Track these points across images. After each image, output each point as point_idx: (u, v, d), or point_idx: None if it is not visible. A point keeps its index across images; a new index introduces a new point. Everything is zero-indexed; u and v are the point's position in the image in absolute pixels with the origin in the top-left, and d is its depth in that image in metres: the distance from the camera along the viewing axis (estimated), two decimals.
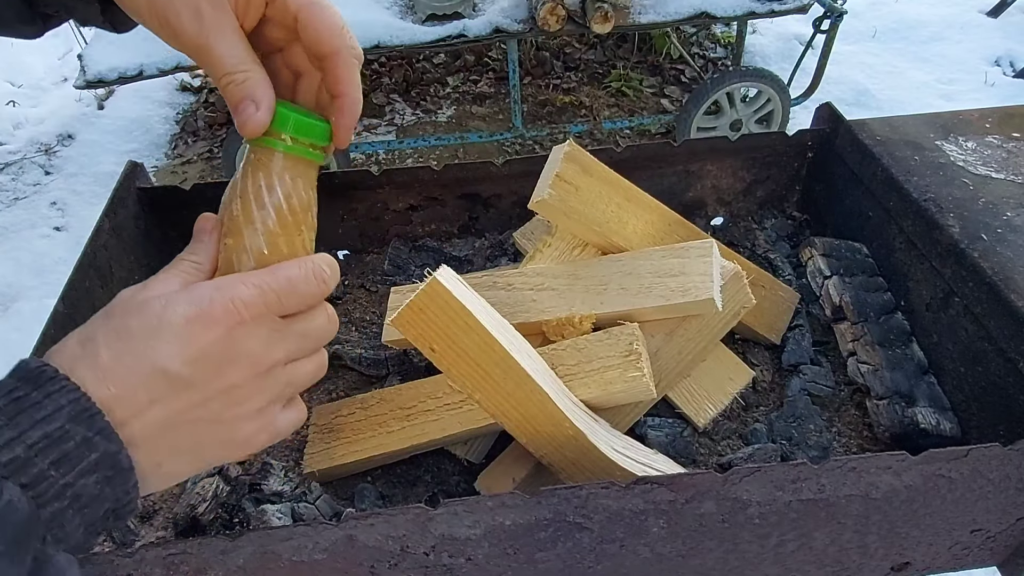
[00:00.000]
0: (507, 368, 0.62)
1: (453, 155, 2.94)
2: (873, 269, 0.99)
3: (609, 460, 0.65)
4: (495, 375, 0.62)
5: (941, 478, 0.68)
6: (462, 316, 0.60)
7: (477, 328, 0.61)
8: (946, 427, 0.82)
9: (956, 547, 0.78)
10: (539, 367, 0.66)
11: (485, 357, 0.62)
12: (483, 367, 0.62)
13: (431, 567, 0.67)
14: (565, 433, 0.64)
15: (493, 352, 0.62)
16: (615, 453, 0.65)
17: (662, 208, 0.93)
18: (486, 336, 0.61)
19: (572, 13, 2.18)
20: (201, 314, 0.39)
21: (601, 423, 0.69)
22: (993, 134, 1.04)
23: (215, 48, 0.45)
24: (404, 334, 0.62)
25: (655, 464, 0.68)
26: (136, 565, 0.62)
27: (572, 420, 0.63)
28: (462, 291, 0.62)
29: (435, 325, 0.61)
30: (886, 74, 3.29)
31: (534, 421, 0.64)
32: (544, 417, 0.63)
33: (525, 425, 0.64)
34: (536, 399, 0.63)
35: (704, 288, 0.76)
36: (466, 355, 0.62)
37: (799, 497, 0.67)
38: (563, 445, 0.65)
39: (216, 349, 0.40)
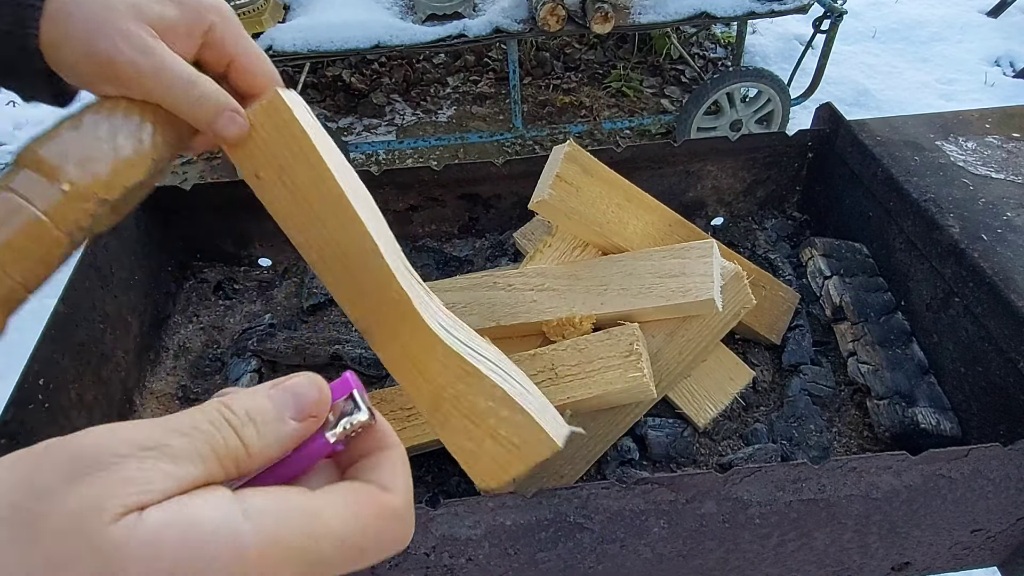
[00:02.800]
0: (338, 210, 0.54)
1: (453, 155, 2.94)
2: (873, 269, 0.99)
3: (433, 335, 0.55)
4: (323, 216, 0.55)
5: (941, 478, 0.68)
6: (300, 142, 0.53)
7: (314, 159, 0.53)
8: (946, 427, 0.82)
9: (956, 547, 0.78)
10: (379, 226, 0.58)
11: (316, 193, 0.54)
12: (312, 205, 0.54)
13: (432, 567, 0.67)
14: (389, 296, 0.56)
15: (326, 189, 0.54)
16: (441, 330, 0.57)
17: (662, 208, 0.93)
18: (322, 170, 0.53)
19: (572, 13, 2.18)
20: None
21: (435, 300, 0.61)
22: (993, 134, 1.04)
23: (171, 68, 0.45)
24: (230, 155, 0.54)
25: (487, 355, 0.58)
26: None
27: (400, 282, 0.56)
28: (306, 117, 0.54)
29: (267, 148, 0.53)
30: (886, 74, 3.29)
31: (357, 274, 0.56)
32: (369, 273, 0.56)
33: (346, 278, 0.56)
34: (363, 248, 0.55)
35: (704, 288, 0.76)
36: (295, 188, 0.54)
37: (800, 497, 0.67)
38: (385, 310, 0.57)
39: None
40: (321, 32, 2.17)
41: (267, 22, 2.17)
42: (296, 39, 2.15)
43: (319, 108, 3.21)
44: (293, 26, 2.19)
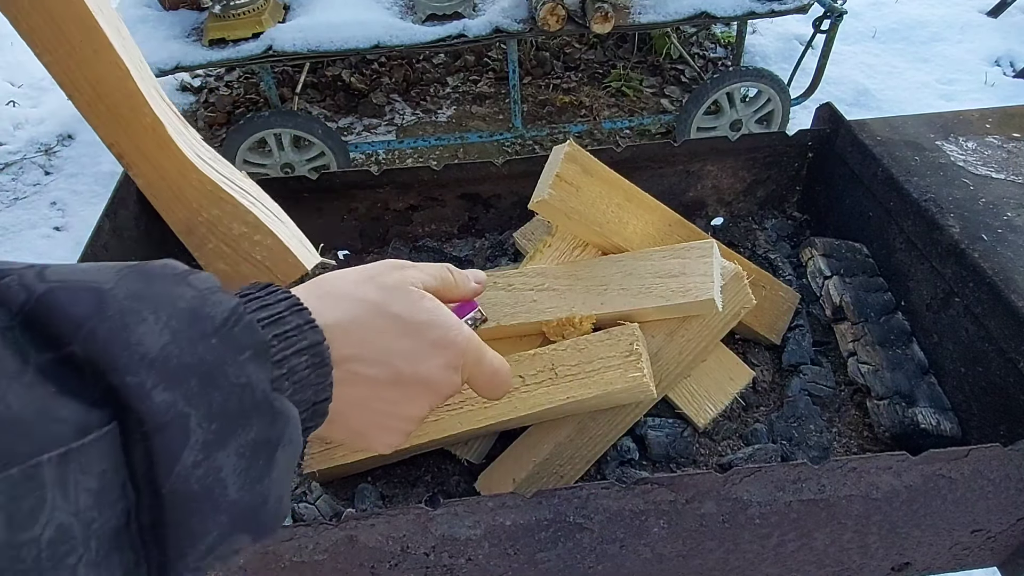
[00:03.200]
0: (88, 31, 0.54)
1: (453, 155, 2.93)
2: (873, 269, 0.99)
3: (187, 159, 0.58)
4: (73, 37, 0.54)
5: (941, 478, 0.68)
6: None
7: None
8: (946, 427, 0.82)
9: (956, 547, 0.78)
10: (135, 59, 0.58)
11: (65, 13, 0.53)
12: (60, 25, 0.53)
13: (431, 567, 0.67)
14: (144, 122, 0.57)
15: (75, 9, 0.53)
16: (196, 158, 0.59)
17: (662, 208, 0.93)
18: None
19: (572, 13, 2.18)
20: (442, 345, 0.48)
21: (194, 134, 0.63)
22: (993, 134, 1.04)
23: None
24: None
25: (244, 187, 0.60)
26: None
27: (153, 108, 0.57)
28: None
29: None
30: (886, 74, 3.29)
31: (111, 101, 0.56)
32: (123, 99, 0.56)
33: (98, 104, 0.56)
34: (116, 75, 0.55)
35: (705, 288, 0.76)
36: (44, 9, 0.52)
37: (799, 497, 0.67)
38: (141, 137, 0.58)
39: (431, 371, 0.48)
40: (321, 32, 2.16)
41: (267, 22, 2.17)
42: (296, 39, 2.15)
43: (319, 108, 3.21)
44: (293, 26, 2.19)
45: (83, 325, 0.28)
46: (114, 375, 0.28)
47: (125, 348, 0.28)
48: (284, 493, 0.35)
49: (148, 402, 0.28)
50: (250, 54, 2.14)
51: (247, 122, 2.32)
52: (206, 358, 0.31)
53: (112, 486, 0.27)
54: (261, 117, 2.29)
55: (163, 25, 2.26)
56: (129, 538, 0.29)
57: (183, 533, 0.30)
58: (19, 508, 0.24)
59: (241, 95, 3.32)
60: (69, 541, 0.26)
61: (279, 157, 2.41)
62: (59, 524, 0.25)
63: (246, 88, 3.36)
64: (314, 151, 2.41)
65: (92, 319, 0.28)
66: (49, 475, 0.25)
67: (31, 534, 0.24)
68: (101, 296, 0.29)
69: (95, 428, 0.27)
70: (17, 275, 0.29)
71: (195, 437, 0.29)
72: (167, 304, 0.31)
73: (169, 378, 0.29)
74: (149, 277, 0.32)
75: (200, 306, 0.32)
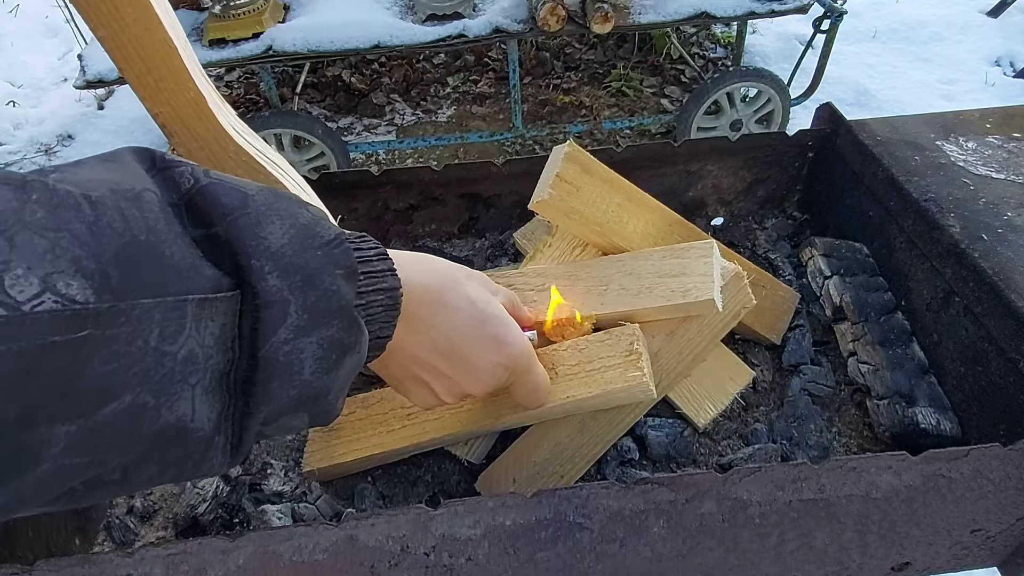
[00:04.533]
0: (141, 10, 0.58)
1: (453, 155, 2.94)
2: (874, 269, 0.99)
3: (226, 133, 0.64)
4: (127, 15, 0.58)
5: (941, 478, 0.68)
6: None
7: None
8: (946, 427, 0.82)
9: (956, 547, 0.78)
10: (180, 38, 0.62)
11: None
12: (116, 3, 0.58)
13: (432, 567, 0.67)
14: (188, 96, 0.62)
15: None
16: (234, 132, 0.64)
17: (662, 208, 0.93)
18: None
19: (572, 13, 2.18)
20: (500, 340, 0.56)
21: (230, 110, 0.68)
22: (993, 134, 1.04)
23: None
24: None
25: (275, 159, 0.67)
26: (136, 565, 0.62)
27: (197, 84, 0.62)
28: None
29: None
30: (886, 74, 3.29)
31: (157, 74, 0.61)
32: (169, 72, 0.61)
33: (147, 76, 0.61)
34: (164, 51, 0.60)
35: (705, 288, 0.76)
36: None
37: (799, 497, 0.67)
38: (184, 108, 0.63)
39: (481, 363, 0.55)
40: (321, 32, 2.17)
41: (267, 22, 2.17)
42: (296, 39, 2.15)
43: (319, 108, 3.21)
44: (293, 26, 2.19)
45: (229, 215, 0.36)
46: (243, 256, 0.36)
47: (255, 239, 0.36)
48: (341, 393, 0.43)
49: (263, 283, 0.36)
50: (250, 54, 2.14)
51: (248, 122, 2.31)
52: (311, 263, 0.38)
53: (227, 337, 0.35)
54: (261, 117, 2.29)
55: None
56: (228, 384, 0.36)
57: (262, 392, 0.37)
58: (168, 326, 0.32)
59: (241, 95, 3.32)
60: (194, 364, 0.33)
61: None
62: (191, 349, 0.33)
63: (246, 88, 3.37)
64: (314, 151, 2.41)
65: (236, 211, 0.37)
66: (191, 310, 0.33)
67: (172, 348, 0.32)
68: (245, 197, 0.38)
69: (225, 289, 0.35)
70: (190, 167, 0.38)
71: (291, 320, 0.37)
72: (291, 216, 0.39)
73: (282, 269, 0.37)
74: (281, 195, 0.40)
75: (314, 224, 0.40)
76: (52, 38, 3.80)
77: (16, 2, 3.78)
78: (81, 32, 3.35)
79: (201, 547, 0.61)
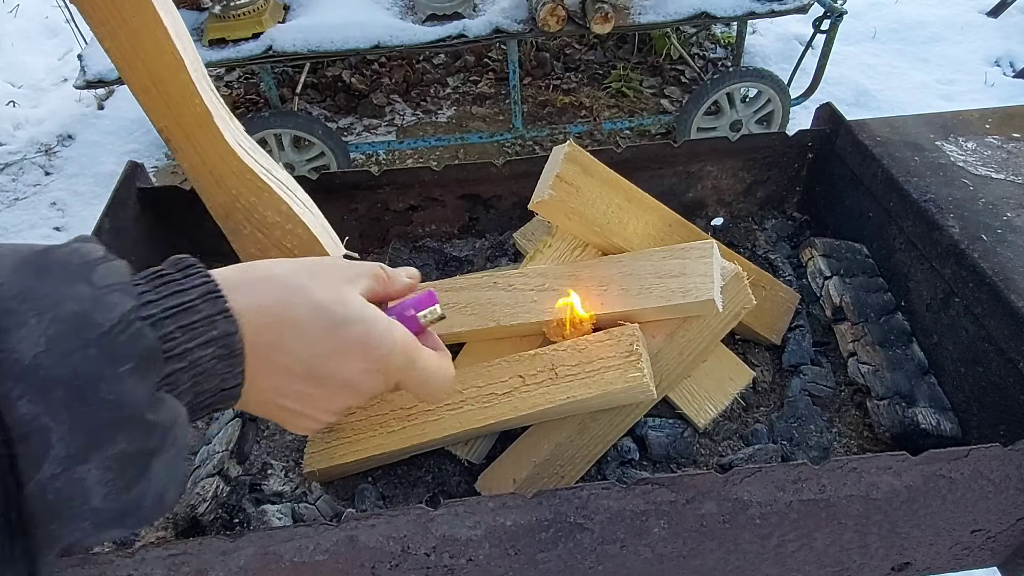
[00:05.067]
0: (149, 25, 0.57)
1: (453, 156, 2.93)
2: (873, 269, 0.99)
3: (230, 148, 0.62)
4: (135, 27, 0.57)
5: (941, 478, 0.68)
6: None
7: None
8: (946, 427, 0.82)
9: (956, 547, 0.78)
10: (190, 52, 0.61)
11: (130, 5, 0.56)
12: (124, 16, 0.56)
13: (432, 568, 0.67)
14: (193, 109, 0.61)
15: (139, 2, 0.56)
16: (238, 147, 0.63)
17: (662, 209, 0.93)
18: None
19: (572, 14, 2.18)
20: (366, 345, 0.46)
21: (237, 125, 0.67)
22: (993, 134, 1.04)
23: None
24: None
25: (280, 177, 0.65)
26: (136, 565, 0.62)
27: (203, 98, 0.61)
28: None
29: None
30: (886, 74, 3.28)
31: (163, 88, 0.59)
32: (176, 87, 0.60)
33: (152, 90, 0.59)
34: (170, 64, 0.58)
35: (705, 289, 0.76)
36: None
37: (800, 497, 0.67)
38: (188, 122, 0.62)
39: (351, 375, 0.46)
40: (321, 32, 2.16)
41: (267, 22, 2.17)
42: (296, 39, 2.15)
43: (319, 108, 3.21)
44: (293, 26, 2.19)
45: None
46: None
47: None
48: (166, 489, 0.36)
49: (13, 412, 0.29)
50: (250, 54, 2.14)
51: (247, 122, 2.32)
52: (79, 370, 0.31)
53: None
54: (261, 117, 2.29)
55: None
56: (5, 522, 0.30)
57: (43, 533, 0.31)
58: None
59: (241, 95, 3.32)
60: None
61: (279, 157, 2.40)
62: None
63: (246, 88, 3.36)
64: (314, 151, 2.41)
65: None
66: None
67: None
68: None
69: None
70: None
71: (55, 451, 0.30)
72: (53, 306, 0.31)
73: (36, 389, 0.29)
74: (46, 271, 0.32)
75: (89, 310, 0.32)
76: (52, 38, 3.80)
77: (16, 2, 3.78)
78: (81, 32, 3.35)
79: (202, 548, 0.61)
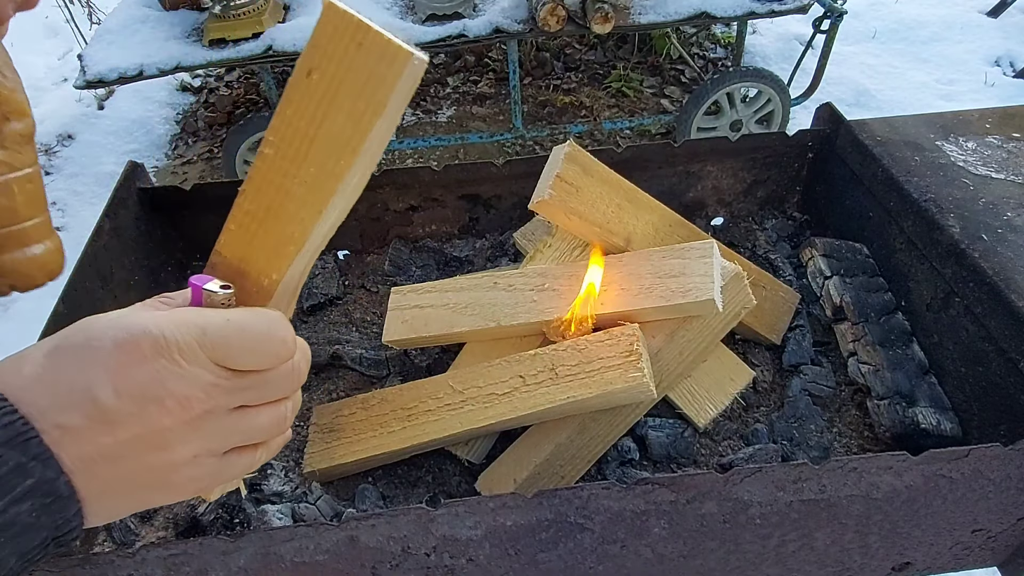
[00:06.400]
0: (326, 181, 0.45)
1: (453, 155, 2.93)
2: (873, 269, 0.99)
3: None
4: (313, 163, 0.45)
5: (942, 478, 0.68)
6: (384, 88, 0.43)
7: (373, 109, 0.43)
8: (947, 427, 0.82)
9: (957, 547, 0.78)
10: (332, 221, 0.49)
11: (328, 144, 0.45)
12: (312, 146, 0.45)
13: (432, 568, 0.67)
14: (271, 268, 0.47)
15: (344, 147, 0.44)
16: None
17: (663, 209, 0.93)
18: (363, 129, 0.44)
19: (572, 14, 2.18)
20: (128, 342, 0.36)
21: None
22: (993, 134, 1.04)
23: None
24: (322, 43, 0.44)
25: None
26: (137, 565, 0.62)
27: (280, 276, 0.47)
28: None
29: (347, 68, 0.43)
30: (886, 74, 3.29)
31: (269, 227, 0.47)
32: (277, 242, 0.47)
33: (254, 225, 0.47)
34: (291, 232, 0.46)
35: (705, 289, 0.76)
36: (318, 122, 0.45)
37: (800, 497, 0.67)
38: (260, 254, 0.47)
39: (140, 385, 0.36)
40: None
41: (267, 22, 2.17)
42: (296, 39, 2.15)
43: None
44: (293, 26, 2.19)
45: None
46: None
47: None
48: None
49: None
50: (250, 54, 2.14)
51: (247, 122, 2.32)
52: None
53: None
54: (261, 117, 2.29)
55: (163, 25, 2.26)
56: None
57: None
58: None
59: (241, 95, 3.32)
60: None
61: None
62: None
63: (246, 88, 3.36)
64: None
65: None
66: None
67: None
68: None
69: None
70: None
71: None
72: None
73: None
74: None
75: None
76: (52, 38, 3.80)
77: None
78: (81, 32, 3.35)
79: (202, 548, 0.61)
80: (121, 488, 0.37)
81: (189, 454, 0.38)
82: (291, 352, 0.42)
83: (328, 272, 1.09)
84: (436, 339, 0.90)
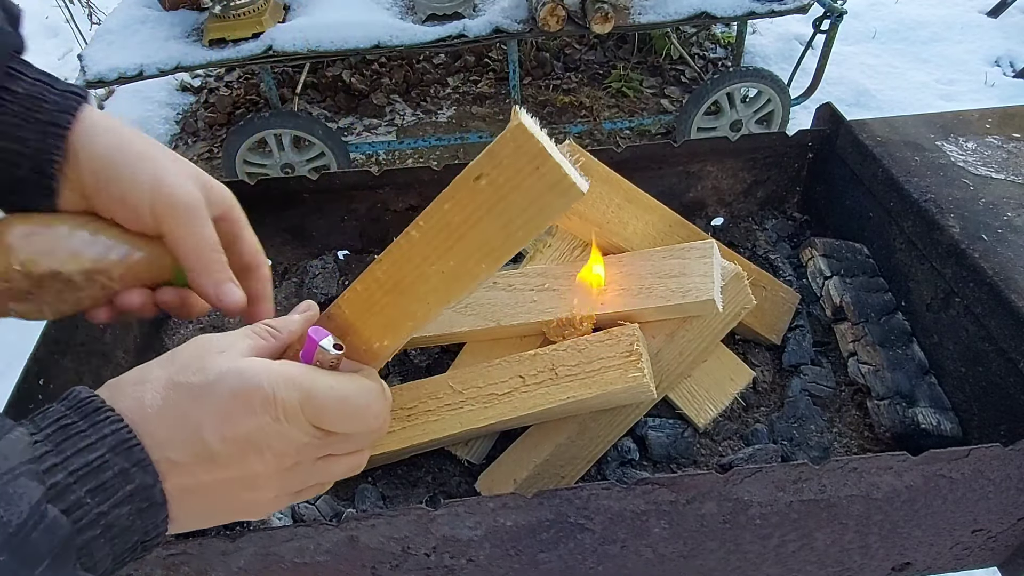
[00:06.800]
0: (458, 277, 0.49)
1: (453, 155, 2.93)
2: (874, 269, 0.99)
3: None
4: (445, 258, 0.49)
5: (942, 478, 0.68)
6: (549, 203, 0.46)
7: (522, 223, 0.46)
8: (947, 427, 0.82)
9: (957, 547, 0.78)
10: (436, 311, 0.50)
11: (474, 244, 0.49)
12: (455, 242, 0.50)
13: (433, 568, 0.67)
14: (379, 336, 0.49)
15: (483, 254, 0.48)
16: None
17: (662, 209, 0.93)
18: (511, 240, 0.47)
19: (572, 14, 2.18)
20: (242, 395, 0.40)
21: None
22: (993, 134, 1.04)
23: (207, 235, 0.51)
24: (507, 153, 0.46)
25: None
26: (136, 565, 0.62)
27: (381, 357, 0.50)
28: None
29: (522, 189, 0.46)
30: (886, 74, 3.29)
31: (385, 305, 0.49)
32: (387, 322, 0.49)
33: (380, 294, 0.49)
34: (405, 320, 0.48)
35: (705, 289, 0.76)
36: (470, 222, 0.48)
37: (800, 498, 0.67)
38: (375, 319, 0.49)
39: (245, 435, 0.40)
40: (321, 32, 2.17)
41: (267, 22, 2.17)
42: (296, 39, 2.15)
43: (319, 108, 3.21)
44: (293, 26, 2.19)
45: None
46: None
47: None
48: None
49: None
50: (250, 54, 2.14)
51: (247, 122, 2.32)
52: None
53: None
54: (261, 117, 2.29)
55: (163, 25, 2.27)
56: None
57: None
58: None
59: (241, 95, 3.32)
60: None
61: (279, 157, 2.40)
62: None
63: (246, 88, 3.36)
64: (314, 151, 2.41)
65: None
66: None
67: None
68: None
69: None
70: None
71: None
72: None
73: None
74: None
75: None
76: (52, 38, 3.80)
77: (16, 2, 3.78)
78: (81, 32, 3.35)
79: (202, 548, 0.61)
80: (205, 512, 0.42)
81: (272, 495, 0.43)
82: (382, 426, 0.46)
83: (328, 272, 1.09)
84: (436, 339, 0.90)
